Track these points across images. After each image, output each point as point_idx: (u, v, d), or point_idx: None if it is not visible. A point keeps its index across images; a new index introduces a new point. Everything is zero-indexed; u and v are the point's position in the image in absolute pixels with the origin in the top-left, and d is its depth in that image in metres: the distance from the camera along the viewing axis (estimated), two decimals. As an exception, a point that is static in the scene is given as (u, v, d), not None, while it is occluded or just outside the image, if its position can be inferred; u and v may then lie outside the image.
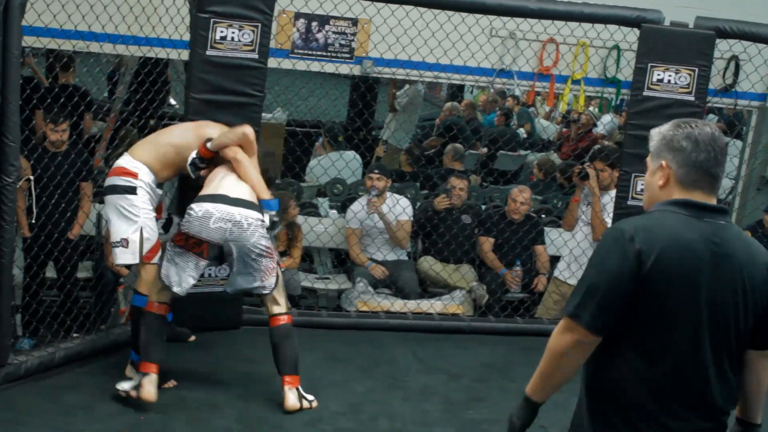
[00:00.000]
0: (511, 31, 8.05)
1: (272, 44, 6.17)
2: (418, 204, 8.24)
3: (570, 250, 7.20)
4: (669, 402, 2.87)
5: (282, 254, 7.17)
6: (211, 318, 5.73)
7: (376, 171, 7.65)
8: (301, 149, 8.75)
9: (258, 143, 5.36)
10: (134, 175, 5.21)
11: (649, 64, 6.25)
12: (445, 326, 6.54)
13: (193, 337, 5.83)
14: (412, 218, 7.77)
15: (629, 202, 6.39)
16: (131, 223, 5.12)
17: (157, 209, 5.37)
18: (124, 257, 5.19)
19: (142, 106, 6.71)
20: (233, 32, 5.74)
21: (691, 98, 6.21)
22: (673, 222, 2.88)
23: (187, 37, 6.01)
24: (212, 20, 5.68)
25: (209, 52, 5.71)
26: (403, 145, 10.90)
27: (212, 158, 5.22)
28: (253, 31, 5.75)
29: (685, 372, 2.85)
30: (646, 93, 6.26)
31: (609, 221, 6.77)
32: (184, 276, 5.00)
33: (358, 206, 7.67)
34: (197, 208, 4.95)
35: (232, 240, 4.92)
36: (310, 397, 5.10)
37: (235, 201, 4.96)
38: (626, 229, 2.86)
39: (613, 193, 6.82)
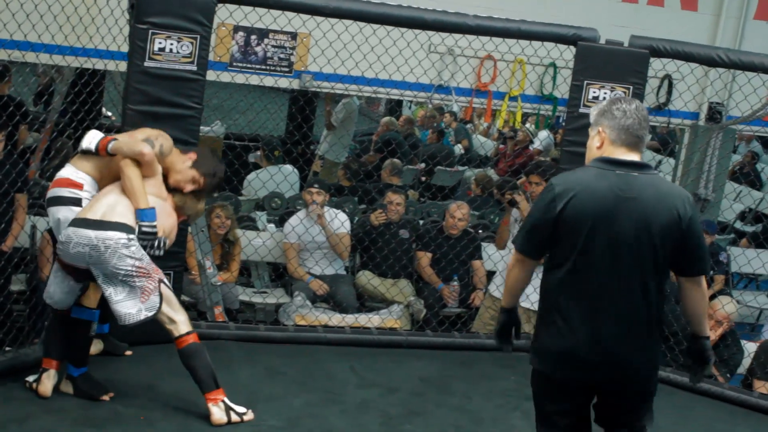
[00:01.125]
0: (450, 47, 8.14)
1: (211, 57, 6.15)
2: (356, 218, 8.26)
3: (506, 264, 7.23)
4: (587, 309, 3.75)
5: (219, 268, 7.14)
6: (148, 331, 5.66)
7: (316, 185, 7.67)
8: (240, 162, 8.73)
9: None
10: (79, 186, 5.14)
11: (585, 82, 6.32)
12: (383, 340, 6.53)
13: (129, 351, 5.76)
14: (350, 232, 7.79)
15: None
16: None
17: None
18: None
19: (79, 117, 6.62)
20: (172, 44, 5.70)
21: (626, 115, 6.29)
22: (589, 174, 3.80)
23: (124, 48, 5.96)
24: (150, 31, 5.64)
25: (147, 64, 5.66)
26: (341, 160, 10.92)
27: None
28: (191, 43, 5.72)
29: (598, 289, 3.73)
30: (582, 110, 6.32)
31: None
32: (58, 292, 5.02)
33: (296, 220, 7.66)
34: (63, 233, 4.90)
35: (92, 264, 4.82)
36: (241, 409, 5.03)
37: (96, 224, 4.84)
38: (553, 181, 3.84)
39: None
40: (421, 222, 8.61)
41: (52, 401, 5.02)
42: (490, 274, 7.88)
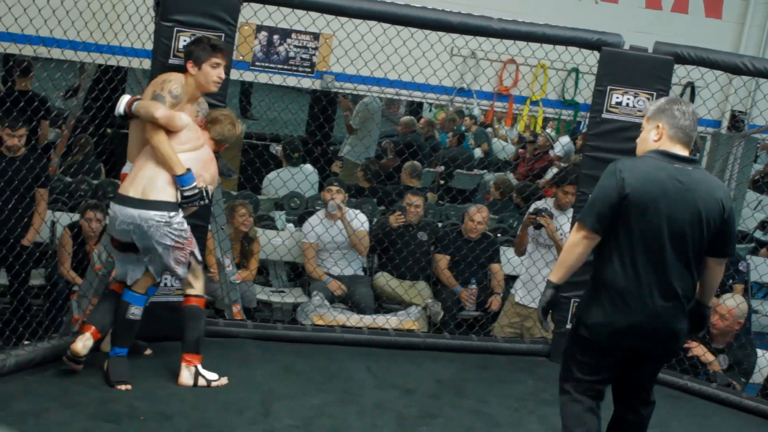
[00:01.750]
0: (473, 51, 8.12)
1: (234, 56, 6.16)
2: (375, 220, 8.26)
3: (526, 269, 7.20)
4: (640, 287, 4.21)
5: (238, 266, 7.15)
6: (166, 328, 5.68)
7: (335, 183, 7.71)
8: (260, 162, 8.75)
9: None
10: None
11: (609, 87, 6.29)
12: (400, 342, 6.53)
13: (149, 351, 5.77)
14: (369, 232, 7.79)
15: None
16: None
17: None
18: None
19: (103, 114, 6.64)
20: (196, 41, 5.70)
21: (649, 122, 6.26)
22: (650, 164, 4.27)
23: (148, 45, 5.98)
24: (176, 29, 5.65)
25: (171, 61, 5.67)
26: (361, 161, 10.91)
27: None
28: (216, 41, 5.72)
29: (653, 268, 4.20)
30: (604, 115, 6.30)
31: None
32: (118, 266, 5.27)
33: (315, 220, 7.67)
34: (111, 209, 5.17)
35: (136, 240, 5.09)
36: (212, 376, 5.29)
37: (138, 202, 5.05)
38: (618, 165, 4.27)
39: (570, 212, 6.86)
40: (439, 224, 8.60)
41: (69, 396, 5.03)
42: (509, 278, 7.85)
